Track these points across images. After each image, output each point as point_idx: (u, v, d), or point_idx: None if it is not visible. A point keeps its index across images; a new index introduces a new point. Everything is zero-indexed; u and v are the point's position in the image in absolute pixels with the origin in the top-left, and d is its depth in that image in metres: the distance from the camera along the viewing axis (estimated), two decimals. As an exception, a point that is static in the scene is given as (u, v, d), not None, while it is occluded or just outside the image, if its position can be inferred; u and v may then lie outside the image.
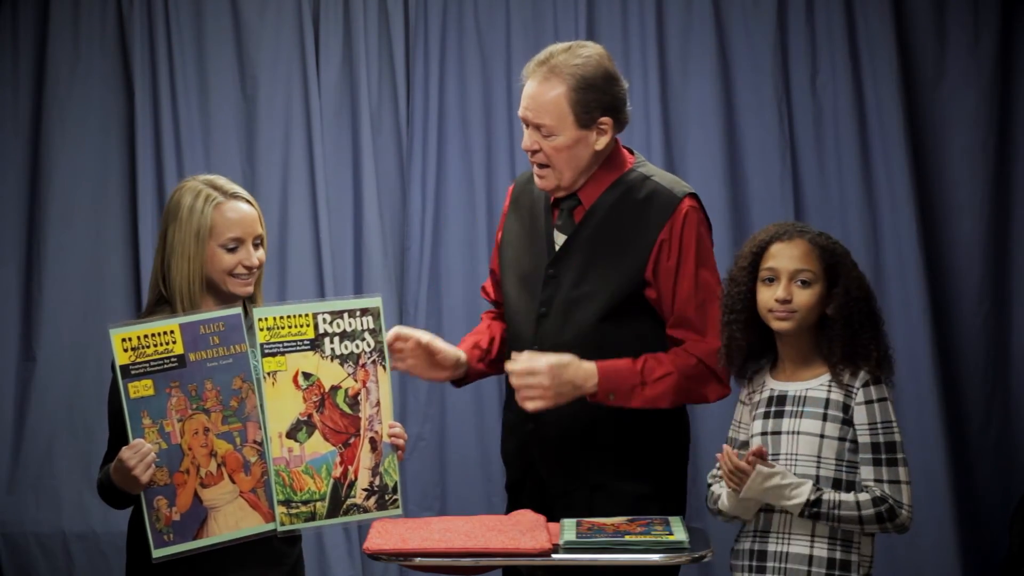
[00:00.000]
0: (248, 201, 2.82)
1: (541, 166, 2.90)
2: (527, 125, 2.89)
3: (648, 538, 2.61)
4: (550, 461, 2.93)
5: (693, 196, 2.94)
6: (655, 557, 2.58)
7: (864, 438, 2.67)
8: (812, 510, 2.62)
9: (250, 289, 2.83)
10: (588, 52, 2.88)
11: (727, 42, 4.63)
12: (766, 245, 2.75)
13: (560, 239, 2.95)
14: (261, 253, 2.82)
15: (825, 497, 2.62)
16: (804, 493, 2.62)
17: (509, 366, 2.82)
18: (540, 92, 2.85)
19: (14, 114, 4.64)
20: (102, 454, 2.77)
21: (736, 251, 2.86)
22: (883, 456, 2.66)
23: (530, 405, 2.79)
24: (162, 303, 2.78)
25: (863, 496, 2.64)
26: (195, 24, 4.64)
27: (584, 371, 2.81)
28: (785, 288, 2.71)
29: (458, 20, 4.65)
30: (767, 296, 2.72)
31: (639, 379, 2.83)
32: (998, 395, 4.55)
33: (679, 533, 2.64)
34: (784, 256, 2.72)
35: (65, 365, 4.57)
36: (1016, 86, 4.56)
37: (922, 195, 4.55)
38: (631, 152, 3.02)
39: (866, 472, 2.66)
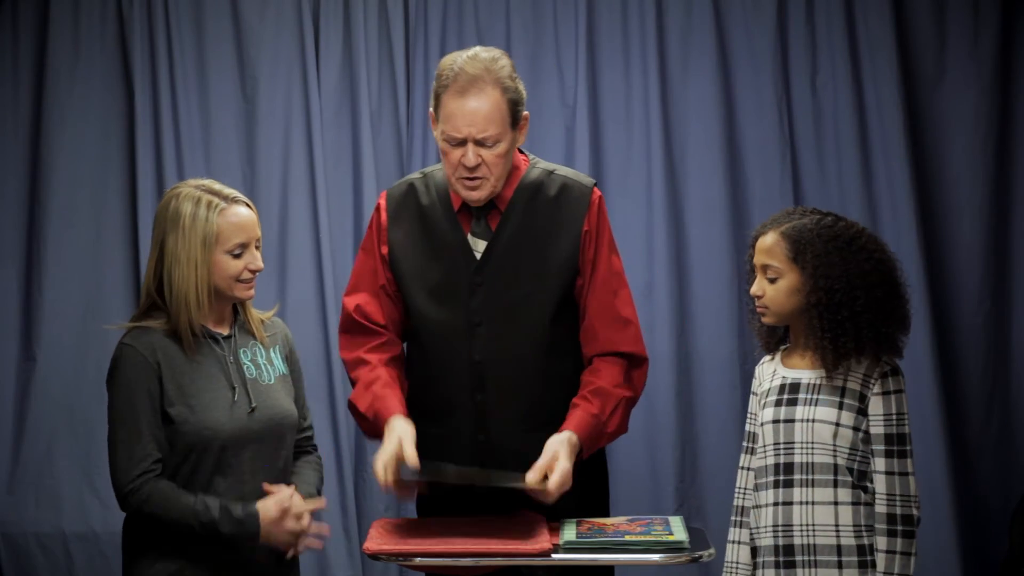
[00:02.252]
0: (247, 204, 2.81)
1: (476, 179, 2.85)
2: (462, 144, 2.82)
3: (648, 538, 2.61)
4: (506, 468, 2.86)
5: (596, 185, 2.99)
6: (655, 557, 2.59)
7: (878, 429, 2.68)
8: None
9: (254, 292, 2.84)
10: (493, 55, 2.86)
11: (727, 42, 4.63)
12: (755, 240, 2.80)
13: (480, 245, 2.92)
14: (260, 255, 2.83)
15: None
16: None
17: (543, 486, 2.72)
18: (479, 105, 2.79)
19: (14, 114, 4.64)
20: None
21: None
22: (895, 448, 2.67)
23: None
24: (155, 310, 2.78)
25: (881, 541, 2.65)
26: (195, 24, 4.63)
27: (574, 446, 2.78)
28: (757, 283, 2.78)
29: (458, 20, 4.65)
30: None
31: (602, 424, 2.84)
32: (998, 395, 4.55)
33: (679, 533, 2.64)
34: (759, 250, 2.78)
35: (65, 365, 4.57)
36: (1016, 86, 4.56)
37: (922, 195, 4.55)
38: (519, 150, 3.01)
39: (879, 463, 2.68)
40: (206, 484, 2.73)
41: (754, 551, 2.79)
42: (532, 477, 2.70)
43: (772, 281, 2.74)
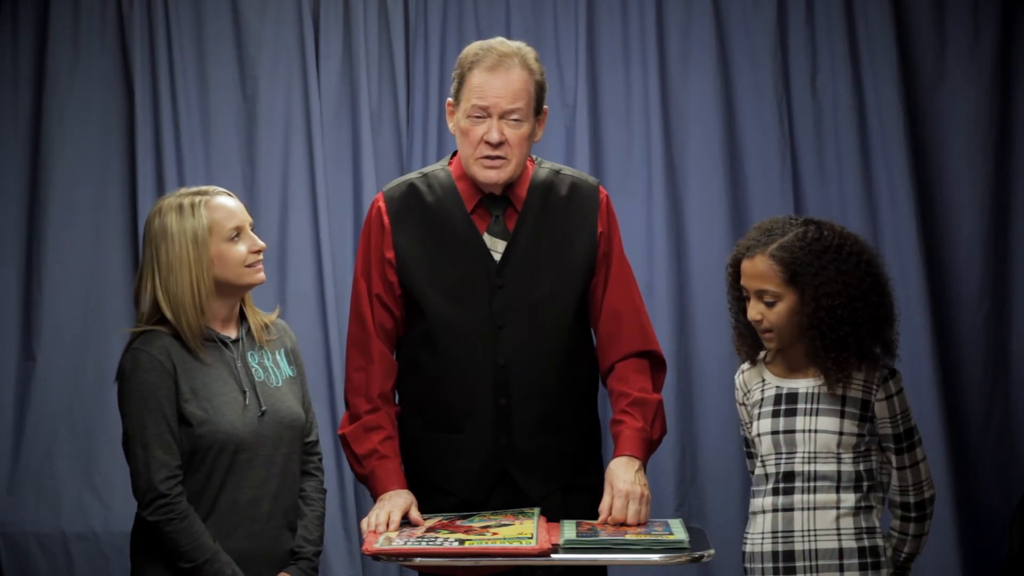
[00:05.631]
0: (227, 194, 2.82)
1: (497, 158, 2.82)
2: (486, 118, 2.81)
3: (648, 538, 2.61)
4: (528, 471, 2.89)
5: (601, 184, 3.01)
6: (655, 557, 2.58)
7: (887, 429, 2.71)
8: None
9: (264, 275, 2.84)
10: (519, 43, 2.88)
11: (727, 42, 4.62)
12: (738, 262, 2.76)
13: (498, 245, 2.89)
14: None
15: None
16: None
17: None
18: (509, 79, 2.80)
19: (14, 114, 4.63)
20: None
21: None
22: (904, 444, 2.71)
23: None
24: (162, 323, 2.77)
25: (895, 524, 2.75)
26: (195, 24, 4.63)
27: (637, 465, 2.81)
28: (754, 308, 2.72)
29: (458, 20, 4.65)
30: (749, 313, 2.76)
31: (648, 434, 2.86)
32: (998, 395, 4.55)
33: (679, 533, 2.64)
34: (748, 275, 2.72)
35: (65, 365, 4.56)
36: (1016, 86, 4.56)
37: (922, 195, 4.55)
38: None
39: (891, 459, 2.73)
40: (219, 488, 2.73)
41: (744, 556, 2.77)
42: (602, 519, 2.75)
43: (770, 305, 2.70)
